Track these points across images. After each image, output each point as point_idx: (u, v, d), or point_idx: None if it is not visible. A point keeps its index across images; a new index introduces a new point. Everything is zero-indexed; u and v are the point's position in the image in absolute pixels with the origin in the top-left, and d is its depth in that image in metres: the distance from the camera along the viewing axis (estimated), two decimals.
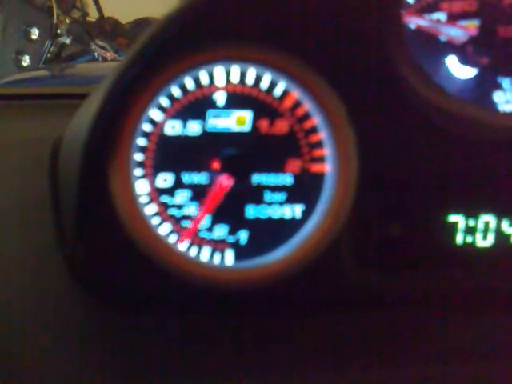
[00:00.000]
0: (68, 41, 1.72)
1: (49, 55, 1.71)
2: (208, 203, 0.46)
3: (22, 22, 1.70)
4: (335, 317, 0.49)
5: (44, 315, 0.46)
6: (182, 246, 0.47)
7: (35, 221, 0.51)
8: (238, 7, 0.44)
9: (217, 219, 0.47)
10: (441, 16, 0.52)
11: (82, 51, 1.75)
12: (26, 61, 1.70)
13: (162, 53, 0.44)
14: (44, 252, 0.49)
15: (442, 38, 0.52)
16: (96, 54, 1.71)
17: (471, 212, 0.50)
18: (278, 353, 0.47)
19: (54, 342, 0.45)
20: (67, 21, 1.70)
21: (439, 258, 0.50)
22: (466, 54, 0.52)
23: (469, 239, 0.51)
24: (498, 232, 0.51)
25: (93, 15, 1.84)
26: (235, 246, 0.48)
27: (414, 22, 0.51)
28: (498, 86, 0.52)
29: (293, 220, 0.48)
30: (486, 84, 0.52)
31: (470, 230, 0.50)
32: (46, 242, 0.49)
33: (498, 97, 0.52)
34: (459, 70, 0.52)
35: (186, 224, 0.47)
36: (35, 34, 1.69)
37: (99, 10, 1.83)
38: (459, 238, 0.50)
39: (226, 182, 0.46)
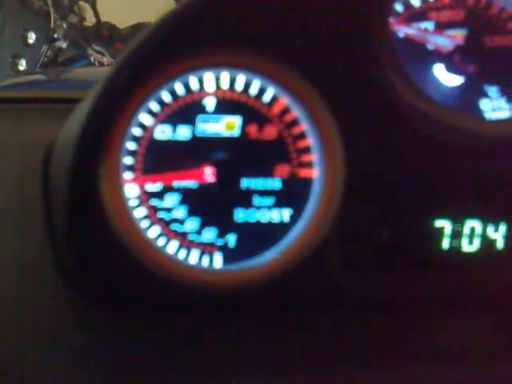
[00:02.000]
0: (65, 45, 1.72)
1: (45, 59, 1.71)
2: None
3: (18, 26, 1.70)
4: (326, 318, 0.50)
5: (37, 318, 0.46)
6: (171, 249, 0.47)
7: (28, 223, 0.51)
8: (229, 15, 0.45)
9: (205, 222, 0.48)
10: (429, 25, 0.52)
11: (79, 56, 1.75)
12: (22, 65, 1.70)
13: (152, 58, 0.44)
14: (37, 254, 0.49)
15: (430, 47, 0.53)
16: (92, 58, 1.72)
17: (457, 217, 0.51)
18: (270, 354, 0.48)
19: (48, 344, 0.45)
20: (64, 25, 1.71)
21: (425, 263, 0.51)
22: (453, 63, 0.52)
23: (455, 244, 0.51)
24: (484, 237, 0.51)
25: (90, 20, 1.84)
26: (224, 249, 0.48)
27: (402, 30, 0.52)
28: (484, 94, 0.52)
29: (281, 224, 0.49)
30: (472, 92, 0.53)
31: (456, 235, 0.51)
32: (39, 245, 0.50)
33: (484, 105, 0.52)
34: (446, 78, 0.53)
35: (175, 227, 0.47)
36: (32, 38, 1.69)
37: (96, 14, 1.84)
38: (445, 243, 0.51)
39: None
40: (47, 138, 0.56)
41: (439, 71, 0.53)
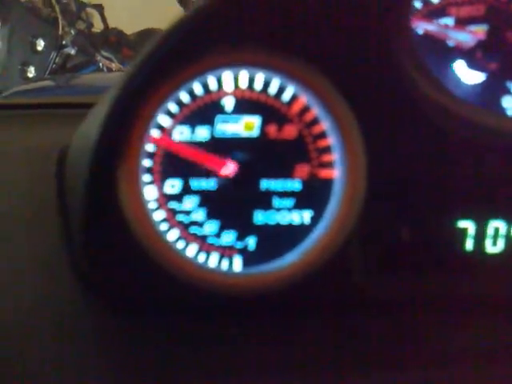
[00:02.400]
0: (73, 52, 1.72)
1: (54, 66, 1.71)
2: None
3: (27, 33, 1.71)
4: (338, 320, 0.49)
5: (52, 321, 0.46)
6: (190, 252, 0.46)
7: (43, 227, 0.51)
8: (247, 12, 0.44)
9: (225, 225, 0.47)
10: (448, 21, 0.51)
11: (87, 62, 1.76)
12: (31, 72, 1.70)
13: (169, 58, 0.43)
14: (51, 258, 0.49)
15: (450, 43, 0.52)
16: (101, 64, 1.72)
17: (481, 218, 0.50)
18: (278, 356, 0.47)
19: (62, 347, 0.45)
20: (72, 32, 1.71)
21: (449, 264, 0.50)
22: (474, 59, 0.51)
23: (478, 245, 0.50)
24: (508, 238, 0.50)
25: (98, 26, 1.85)
26: (243, 252, 0.47)
27: (421, 26, 0.51)
28: (507, 91, 0.51)
29: (301, 226, 0.48)
30: (494, 89, 0.52)
31: (480, 236, 0.50)
32: (53, 248, 0.49)
33: (506, 102, 0.51)
34: (467, 75, 0.52)
35: (195, 230, 0.47)
36: (40, 45, 1.70)
37: (104, 21, 1.84)
38: (469, 244, 0.50)
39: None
40: (58, 143, 0.56)
41: (460, 68, 0.52)
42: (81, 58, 1.76)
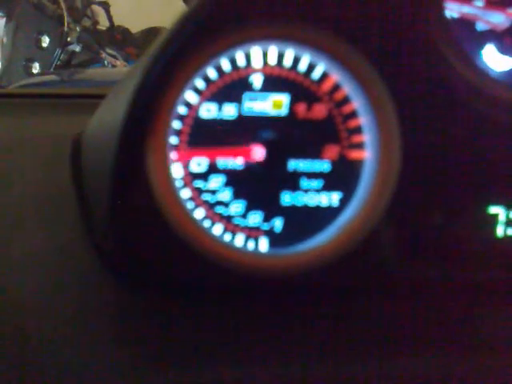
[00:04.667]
0: (78, 49, 1.72)
1: (58, 63, 1.71)
2: None
3: (32, 29, 1.70)
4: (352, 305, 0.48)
5: (72, 302, 0.44)
6: (216, 232, 0.45)
7: (58, 211, 0.49)
8: None
9: (251, 206, 0.46)
10: (479, 3, 0.50)
11: (92, 59, 1.75)
12: (36, 68, 1.70)
13: (197, 33, 0.42)
14: (69, 240, 0.48)
15: (480, 27, 0.50)
16: (106, 61, 1.71)
17: None
18: (284, 343, 0.46)
19: (82, 326, 0.44)
20: (77, 29, 1.71)
21: (479, 250, 0.49)
22: (504, 43, 0.50)
23: (509, 232, 0.49)
24: None
25: (103, 24, 1.84)
26: (270, 233, 0.46)
27: (451, 7, 0.50)
28: None
29: (329, 208, 0.46)
30: None
31: (511, 223, 0.49)
32: (73, 232, 0.48)
33: None
34: (497, 61, 0.50)
35: (220, 210, 0.45)
36: (46, 41, 1.69)
37: (109, 18, 1.84)
38: (500, 231, 0.49)
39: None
40: (69, 131, 0.55)
41: (490, 53, 0.50)
42: (86, 55, 1.76)
